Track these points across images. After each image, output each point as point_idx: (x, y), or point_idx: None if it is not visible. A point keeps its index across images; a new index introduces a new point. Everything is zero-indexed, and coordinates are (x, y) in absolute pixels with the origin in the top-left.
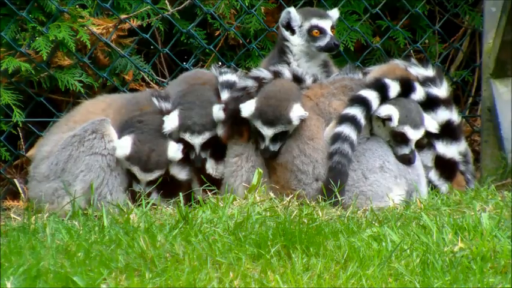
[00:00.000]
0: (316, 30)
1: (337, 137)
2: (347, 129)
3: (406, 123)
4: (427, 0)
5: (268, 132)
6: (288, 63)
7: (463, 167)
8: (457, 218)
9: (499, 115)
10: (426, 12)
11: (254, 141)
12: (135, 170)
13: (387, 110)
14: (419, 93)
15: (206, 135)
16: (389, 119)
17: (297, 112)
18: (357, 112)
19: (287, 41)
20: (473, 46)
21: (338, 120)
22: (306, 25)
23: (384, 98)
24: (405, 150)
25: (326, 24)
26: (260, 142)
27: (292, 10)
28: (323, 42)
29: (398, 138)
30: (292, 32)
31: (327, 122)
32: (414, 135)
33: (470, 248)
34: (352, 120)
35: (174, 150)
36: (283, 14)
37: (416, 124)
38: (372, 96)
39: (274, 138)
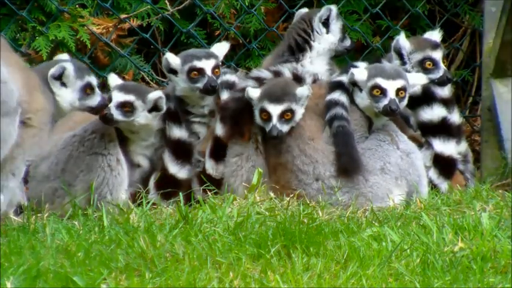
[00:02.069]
0: (344, 30)
1: (329, 104)
2: (336, 95)
3: (377, 75)
4: (427, 0)
5: (275, 110)
6: (297, 61)
7: (462, 166)
8: (457, 217)
9: (499, 115)
10: (426, 12)
11: (254, 141)
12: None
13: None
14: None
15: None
16: (352, 74)
17: (302, 89)
18: (343, 78)
19: (312, 40)
20: (473, 46)
21: (327, 90)
22: (339, 24)
23: None
24: (384, 101)
25: None
26: (266, 126)
27: (333, 8)
28: (348, 42)
29: (375, 93)
30: (327, 29)
31: None
32: (389, 84)
33: (470, 248)
34: (339, 85)
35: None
36: (323, 11)
37: (389, 75)
38: (361, 65)
39: (282, 118)
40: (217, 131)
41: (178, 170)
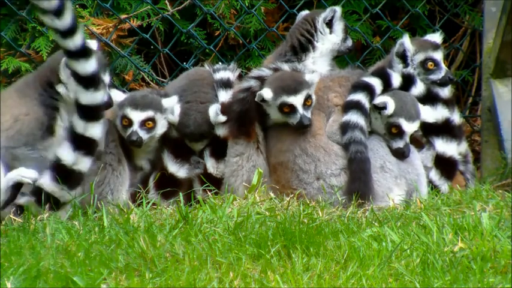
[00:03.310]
0: (346, 31)
1: (345, 126)
2: (354, 116)
3: (401, 115)
4: (427, 0)
5: (297, 100)
6: (300, 61)
7: (462, 166)
8: (457, 218)
9: (499, 115)
10: (426, 12)
11: (255, 140)
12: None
13: (382, 98)
14: (419, 87)
15: (205, 142)
16: (385, 107)
17: (310, 75)
18: (361, 97)
19: (315, 40)
20: (473, 46)
21: (343, 109)
22: (342, 24)
23: (387, 86)
24: (399, 144)
25: None
26: (292, 119)
27: (338, 9)
28: (350, 42)
29: (393, 131)
30: (330, 30)
31: (328, 115)
32: (409, 127)
33: (470, 248)
34: (357, 106)
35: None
36: (328, 12)
37: (411, 117)
38: (375, 82)
39: (305, 105)
40: (217, 130)
41: (177, 169)
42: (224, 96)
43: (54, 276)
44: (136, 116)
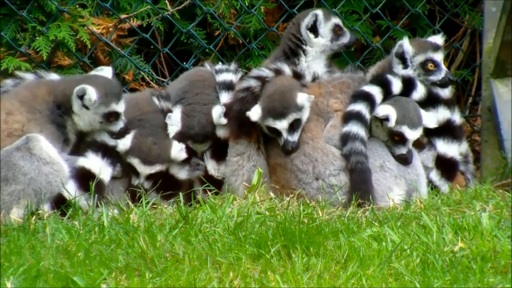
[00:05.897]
0: (338, 29)
1: (346, 137)
2: (354, 128)
3: (403, 123)
4: (427, 0)
5: (282, 124)
6: (294, 65)
7: (463, 167)
8: (457, 217)
9: (499, 115)
10: (426, 12)
11: (256, 140)
12: (135, 162)
13: (385, 110)
14: (420, 91)
15: (208, 144)
16: (387, 119)
17: (302, 96)
18: (361, 108)
19: (303, 44)
20: (473, 46)
21: (343, 119)
22: (329, 25)
23: (387, 93)
24: (402, 150)
25: (341, 23)
26: (278, 140)
27: (319, 12)
28: (346, 39)
29: (395, 138)
30: (316, 34)
31: (326, 121)
32: (412, 135)
33: (470, 248)
34: (357, 116)
35: (178, 150)
36: (309, 17)
37: (414, 124)
38: (375, 91)
39: (291, 129)
40: (217, 131)
41: (178, 171)
42: (226, 98)
43: (54, 276)
44: (145, 170)
